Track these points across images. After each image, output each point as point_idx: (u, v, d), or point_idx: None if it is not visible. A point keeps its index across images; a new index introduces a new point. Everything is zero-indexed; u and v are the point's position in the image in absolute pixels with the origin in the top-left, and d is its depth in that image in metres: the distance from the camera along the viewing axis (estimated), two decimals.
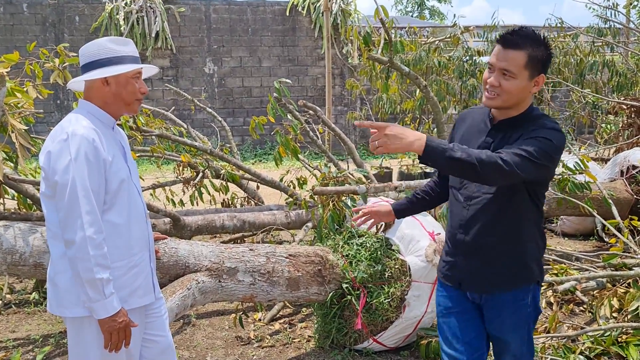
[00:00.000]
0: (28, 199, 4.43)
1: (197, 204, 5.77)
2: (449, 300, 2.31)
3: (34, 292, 4.62)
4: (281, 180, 5.62)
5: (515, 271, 2.15)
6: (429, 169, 8.02)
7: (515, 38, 2.02)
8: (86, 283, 2.01)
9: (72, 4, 13.44)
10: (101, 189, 2.08)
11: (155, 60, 13.80)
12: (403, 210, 2.56)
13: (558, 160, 2.07)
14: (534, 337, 3.40)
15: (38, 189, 4.65)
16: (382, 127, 1.92)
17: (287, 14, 14.33)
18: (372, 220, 2.63)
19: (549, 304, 4.16)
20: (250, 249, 3.38)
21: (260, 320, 4.14)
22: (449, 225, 2.30)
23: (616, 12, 7.45)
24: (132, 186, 2.22)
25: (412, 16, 32.14)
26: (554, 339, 3.40)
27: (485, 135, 2.16)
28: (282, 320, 4.14)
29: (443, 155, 1.90)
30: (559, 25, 8.41)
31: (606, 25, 7.66)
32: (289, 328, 4.03)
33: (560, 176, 4.39)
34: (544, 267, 2.32)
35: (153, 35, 13.39)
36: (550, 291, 4.07)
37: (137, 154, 5.01)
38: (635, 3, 9.47)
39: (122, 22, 13.22)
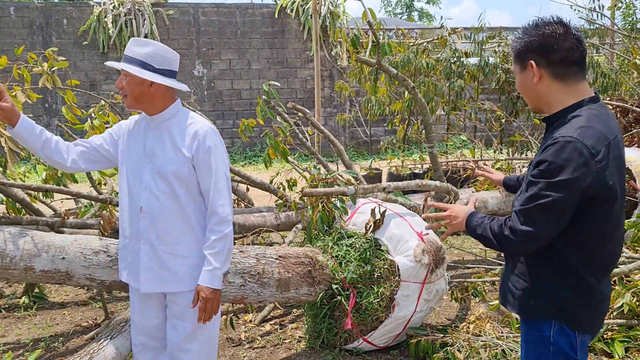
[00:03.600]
0: (17, 203, 4.42)
1: None
2: None
3: (24, 297, 4.61)
4: (271, 182, 5.65)
5: (523, 297, 1.96)
6: (417, 170, 8.07)
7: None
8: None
9: (60, 7, 13.38)
10: (104, 142, 2.54)
11: None
12: (511, 186, 2.48)
13: (580, 177, 1.73)
14: (520, 334, 3.46)
15: (27, 193, 4.65)
16: (447, 207, 2.10)
17: (276, 16, 14.35)
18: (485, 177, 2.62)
19: None
20: (241, 251, 3.40)
21: (251, 321, 4.16)
22: None
23: (601, 14, 7.55)
24: (136, 177, 2.40)
25: (400, 18, 32.27)
26: None
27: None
28: (272, 321, 4.16)
29: (475, 234, 1.99)
30: None
31: (591, 27, 7.75)
32: (280, 329, 4.05)
33: None
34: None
35: (142, 38, 13.36)
36: None
37: None
38: (620, 5, 9.58)
39: (110, 25, 13.18)
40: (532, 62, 1.88)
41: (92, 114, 4.68)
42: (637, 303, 3.54)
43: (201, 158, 2.36)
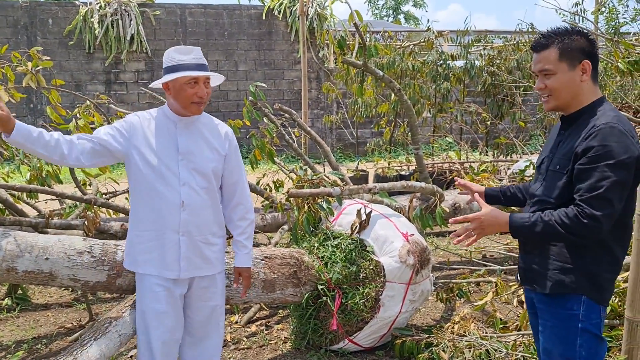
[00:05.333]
0: (0, 204, 4.38)
1: None
2: (526, 299, 2.40)
3: (7, 298, 4.57)
4: (257, 183, 5.64)
5: (556, 275, 2.10)
6: (403, 172, 8.11)
7: (542, 40, 2.13)
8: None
9: (45, 6, 13.27)
10: (114, 138, 2.52)
11: (131, 64, 13.68)
12: (493, 196, 2.52)
13: (633, 156, 1.95)
14: (505, 334, 3.49)
15: (11, 194, 4.61)
16: (476, 218, 2.09)
17: (263, 17, 14.35)
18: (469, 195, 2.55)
19: (520, 303, 4.25)
20: (226, 252, 3.39)
21: (236, 322, 4.15)
22: None
23: (584, 18, 7.63)
24: (170, 173, 2.52)
25: (387, 21, 32.39)
26: (525, 336, 3.48)
27: (557, 136, 2.23)
28: (258, 323, 4.16)
29: (530, 232, 2.04)
30: (529, 30, 8.59)
31: None
32: (266, 330, 4.05)
33: (532, 177, 4.49)
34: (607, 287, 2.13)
35: (128, 38, 13.30)
36: (522, 290, 4.16)
37: None
38: (603, 9, 9.71)
39: (96, 26, 13.10)
40: (588, 62, 2.08)
41: (77, 114, 4.65)
42: (619, 304, 3.58)
43: (232, 155, 2.70)
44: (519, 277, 2.35)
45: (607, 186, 1.92)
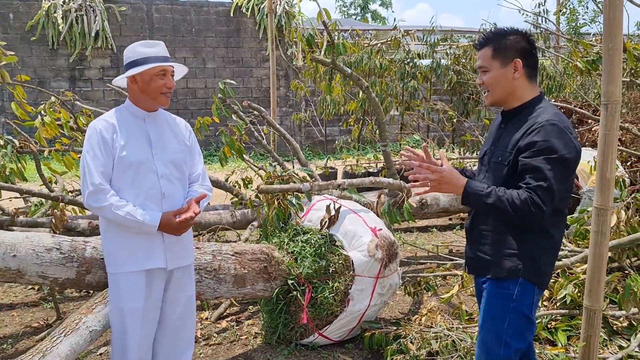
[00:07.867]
0: None
1: None
2: (475, 288, 2.51)
3: None
4: (226, 180, 5.65)
5: (498, 260, 2.22)
6: (372, 169, 8.20)
7: (481, 40, 2.28)
8: (123, 223, 2.50)
9: (5, 0, 12.94)
10: (107, 166, 2.51)
11: (96, 60, 13.46)
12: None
13: (573, 151, 2.08)
14: (470, 325, 3.59)
15: None
16: (439, 171, 2.15)
17: (232, 15, 14.28)
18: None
19: None
20: (197, 247, 3.41)
21: (207, 319, 4.16)
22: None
23: (546, 19, 7.84)
24: (147, 168, 2.57)
25: (355, 19, 32.55)
26: None
27: (497, 130, 2.36)
28: (229, 318, 4.17)
29: (480, 201, 2.13)
30: (493, 30, 8.75)
31: (537, 31, 8.05)
32: (236, 325, 4.07)
33: None
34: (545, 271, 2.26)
35: (93, 34, 13.07)
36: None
37: (78, 155, 4.93)
38: (564, 10, 9.99)
39: (60, 21, 12.83)
40: (519, 61, 2.20)
41: (43, 111, 4.59)
42: (579, 294, 3.72)
43: (194, 146, 2.82)
44: (466, 267, 2.47)
45: (551, 178, 2.03)
